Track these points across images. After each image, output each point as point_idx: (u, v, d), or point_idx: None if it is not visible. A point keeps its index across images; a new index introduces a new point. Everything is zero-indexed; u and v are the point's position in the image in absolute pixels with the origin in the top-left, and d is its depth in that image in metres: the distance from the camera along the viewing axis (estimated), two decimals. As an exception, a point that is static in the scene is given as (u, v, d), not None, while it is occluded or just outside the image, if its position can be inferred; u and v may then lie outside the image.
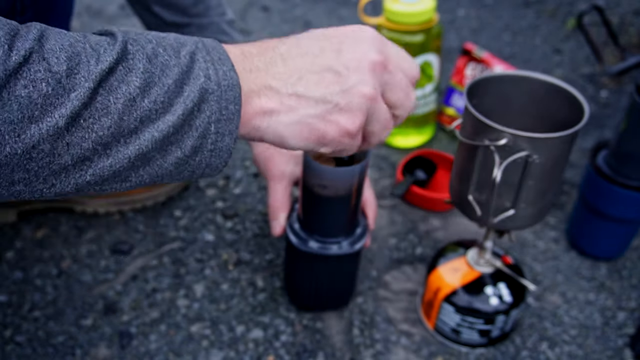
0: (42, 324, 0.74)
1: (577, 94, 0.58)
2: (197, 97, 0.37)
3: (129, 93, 0.35)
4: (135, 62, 0.36)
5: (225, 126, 0.39)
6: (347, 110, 0.42)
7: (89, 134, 0.34)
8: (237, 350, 0.72)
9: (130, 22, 1.43)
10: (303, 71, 0.42)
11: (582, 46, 1.34)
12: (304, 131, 0.42)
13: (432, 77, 0.99)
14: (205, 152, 0.39)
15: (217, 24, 0.78)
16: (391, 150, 1.04)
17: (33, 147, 0.32)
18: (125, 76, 0.35)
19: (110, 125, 0.34)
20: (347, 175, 0.61)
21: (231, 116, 0.39)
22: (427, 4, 0.92)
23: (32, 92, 0.32)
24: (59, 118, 0.33)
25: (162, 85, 0.36)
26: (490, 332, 0.70)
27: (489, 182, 0.58)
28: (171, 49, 0.38)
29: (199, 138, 0.38)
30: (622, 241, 0.82)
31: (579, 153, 1.03)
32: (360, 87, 0.42)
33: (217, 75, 0.38)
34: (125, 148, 0.36)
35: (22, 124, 0.32)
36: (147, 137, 0.36)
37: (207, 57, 0.38)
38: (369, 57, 0.43)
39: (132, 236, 0.87)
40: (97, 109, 0.34)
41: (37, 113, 0.32)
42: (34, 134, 0.32)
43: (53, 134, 0.33)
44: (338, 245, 0.67)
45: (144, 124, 0.36)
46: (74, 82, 0.33)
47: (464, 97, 0.57)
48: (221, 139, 0.39)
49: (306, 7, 1.53)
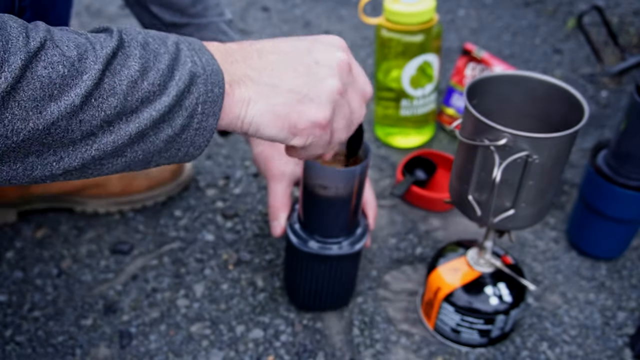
0: (42, 324, 0.74)
1: (577, 94, 0.58)
2: (188, 80, 0.41)
3: (131, 76, 0.39)
4: (132, 49, 0.39)
5: (210, 107, 0.42)
6: (317, 101, 0.46)
7: (99, 112, 0.38)
8: (237, 350, 0.72)
9: (130, 22, 1.43)
10: (276, 64, 0.45)
11: (582, 46, 1.34)
12: (277, 120, 0.45)
13: (432, 77, 0.99)
14: (192, 131, 0.42)
15: (216, 23, 0.78)
16: (391, 150, 1.04)
17: (52, 124, 0.36)
18: (126, 61, 0.39)
19: (117, 105, 0.38)
20: (347, 176, 0.61)
21: (216, 98, 0.42)
22: (427, 4, 0.92)
23: (52, 72, 0.35)
24: (75, 97, 0.36)
25: (157, 70, 0.40)
26: (490, 332, 0.70)
27: (489, 182, 0.58)
28: (158, 39, 0.42)
29: (187, 117, 0.42)
30: (622, 241, 0.82)
31: (579, 153, 1.03)
32: (329, 80, 0.46)
33: (202, 62, 0.42)
34: (127, 126, 0.39)
35: (43, 101, 0.35)
36: (146, 116, 0.40)
37: (189, 47, 0.42)
38: (337, 56, 0.47)
39: (132, 236, 0.87)
40: (105, 89, 0.38)
41: (56, 92, 0.36)
42: (53, 111, 0.36)
43: (70, 112, 0.36)
44: (338, 245, 0.67)
45: (143, 104, 0.39)
46: (85, 65, 0.37)
47: (464, 97, 0.57)
48: (206, 119, 0.43)
49: (306, 7, 1.53)
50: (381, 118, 1.05)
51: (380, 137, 1.07)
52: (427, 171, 0.96)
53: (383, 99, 1.03)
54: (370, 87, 0.51)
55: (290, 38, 0.48)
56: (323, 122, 0.46)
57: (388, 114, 1.03)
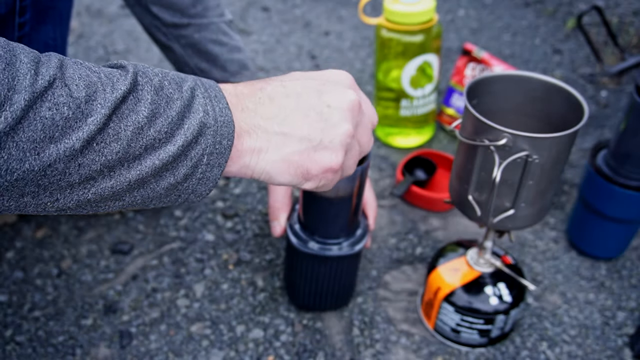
0: (42, 323, 0.74)
1: (576, 94, 0.58)
2: (196, 130, 0.40)
3: (138, 122, 0.37)
4: (144, 94, 0.38)
5: (216, 159, 0.41)
6: (331, 147, 0.45)
7: (99, 157, 0.36)
8: (237, 350, 0.72)
9: (130, 22, 1.43)
10: (288, 110, 0.44)
11: (582, 46, 1.35)
12: (290, 168, 0.45)
13: (432, 77, 0.99)
14: (194, 180, 0.41)
15: (216, 24, 0.78)
16: (391, 150, 1.04)
17: (49, 166, 0.35)
18: (135, 106, 0.37)
19: (119, 151, 0.37)
20: (348, 177, 0.61)
21: (223, 150, 0.42)
22: (427, 4, 0.92)
23: (55, 114, 0.34)
24: (76, 140, 0.35)
25: (167, 117, 0.39)
26: (490, 332, 0.70)
27: (489, 182, 0.58)
28: (174, 83, 0.40)
29: (191, 167, 0.41)
30: (622, 241, 0.82)
31: (579, 153, 1.03)
32: (342, 126, 0.45)
33: (214, 112, 0.41)
34: (128, 172, 0.38)
35: (43, 143, 0.34)
36: (149, 164, 0.38)
37: (205, 94, 0.41)
38: (348, 98, 0.46)
39: (132, 236, 0.87)
40: (109, 134, 0.36)
41: (57, 134, 0.34)
42: (52, 153, 0.34)
43: (69, 155, 0.35)
44: (338, 246, 0.68)
45: (147, 151, 0.38)
46: (91, 108, 0.35)
47: (464, 97, 0.57)
48: (210, 170, 0.42)
49: (306, 7, 1.53)
50: (381, 118, 1.05)
51: (380, 137, 1.07)
52: (427, 171, 0.96)
53: (383, 99, 1.03)
54: (376, 114, 0.51)
55: (298, 76, 0.47)
56: (336, 167, 0.46)
57: (388, 114, 1.03)
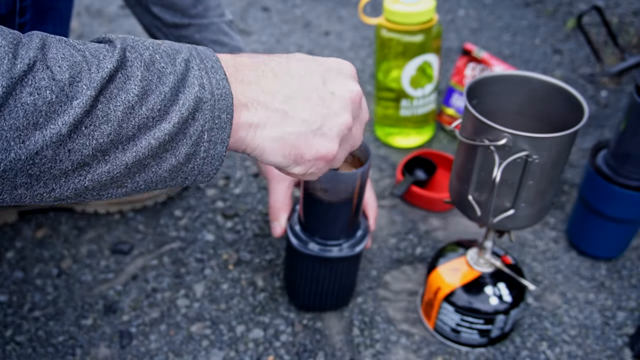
0: (42, 323, 0.74)
1: (576, 94, 0.58)
2: (192, 106, 0.38)
3: (128, 101, 0.35)
4: (134, 70, 0.36)
5: (217, 135, 0.39)
6: (329, 135, 0.44)
7: (90, 140, 0.35)
8: (237, 350, 0.72)
9: (130, 22, 1.43)
10: (291, 90, 0.43)
11: (582, 46, 1.35)
12: (284, 148, 0.43)
13: (431, 77, 0.99)
14: (198, 160, 0.40)
15: (217, 24, 0.78)
16: (391, 150, 1.04)
17: (36, 153, 0.33)
18: (124, 84, 0.35)
19: (110, 133, 0.35)
20: (349, 179, 0.61)
21: (223, 125, 0.39)
22: (427, 4, 0.92)
23: (37, 99, 0.32)
24: (62, 125, 0.33)
25: (159, 93, 0.37)
26: (490, 332, 0.70)
27: (489, 182, 0.58)
28: (167, 56, 0.38)
29: (192, 146, 0.39)
30: (622, 241, 0.82)
31: (579, 153, 1.03)
32: (342, 115, 0.45)
33: (211, 84, 0.39)
34: (123, 155, 0.36)
35: (27, 130, 0.32)
36: (144, 144, 0.37)
37: (201, 65, 0.39)
38: (352, 88, 0.45)
39: (132, 236, 0.87)
40: (97, 116, 0.34)
41: (42, 120, 0.33)
42: (37, 140, 0.33)
43: (56, 141, 0.33)
44: (339, 247, 0.67)
45: (141, 131, 0.36)
46: (76, 90, 0.34)
47: (464, 97, 0.57)
48: (213, 147, 0.40)
49: (306, 7, 1.53)
50: (381, 118, 1.05)
51: (380, 137, 1.07)
52: (427, 171, 0.96)
53: (383, 99, 1.03)
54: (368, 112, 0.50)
55: (304, 57, 0.46)
56: (329, 156, 0.45)
57: (388, 114, 1.03)
